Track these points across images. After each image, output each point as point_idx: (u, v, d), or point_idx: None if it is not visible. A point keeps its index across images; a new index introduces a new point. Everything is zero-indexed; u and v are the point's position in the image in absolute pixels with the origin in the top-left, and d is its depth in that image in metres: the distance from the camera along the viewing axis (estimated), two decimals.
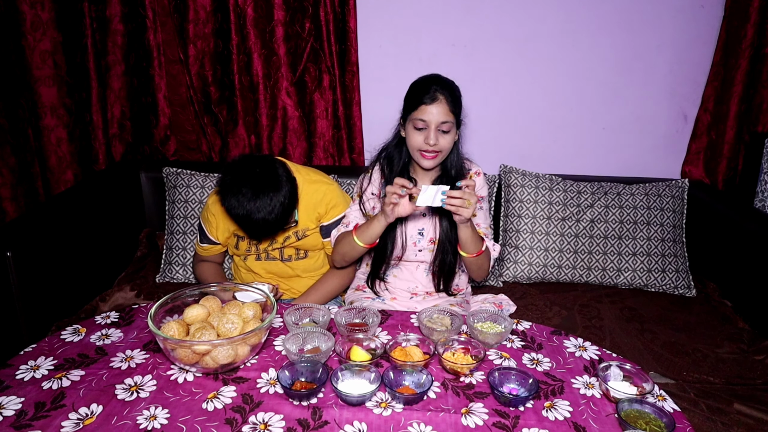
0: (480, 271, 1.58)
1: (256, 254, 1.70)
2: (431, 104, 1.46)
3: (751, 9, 1.96)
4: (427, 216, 1.61)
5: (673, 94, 2.18)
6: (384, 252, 1.62)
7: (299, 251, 1.71)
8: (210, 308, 1.21)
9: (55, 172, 2.00)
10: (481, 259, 1.54)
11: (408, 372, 1.11)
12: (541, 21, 2.10)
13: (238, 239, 1.67)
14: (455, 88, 1.52)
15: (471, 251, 1.50)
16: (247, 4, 2.01)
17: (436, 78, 1.52)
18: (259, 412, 1.03)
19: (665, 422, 1.00)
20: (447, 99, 1.47)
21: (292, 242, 1.66)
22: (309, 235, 1.67)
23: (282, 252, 1.70)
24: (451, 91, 1.49)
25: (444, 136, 1.49)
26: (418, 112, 1.47)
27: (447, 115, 1.47)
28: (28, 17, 1.82)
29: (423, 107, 1.47)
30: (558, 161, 2.26)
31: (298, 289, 1.76)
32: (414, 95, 1.50)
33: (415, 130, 1.50)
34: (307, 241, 1.67)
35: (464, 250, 1.51)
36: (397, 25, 2.13)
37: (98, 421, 1.00)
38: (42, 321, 1.63)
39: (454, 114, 1.48)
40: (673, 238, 2.01)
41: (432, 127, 1.47)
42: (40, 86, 1.90)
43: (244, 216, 1.39)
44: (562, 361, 1.22)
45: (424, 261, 1.66)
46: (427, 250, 1.63)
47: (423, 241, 1.62)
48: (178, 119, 2.28)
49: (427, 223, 1.61)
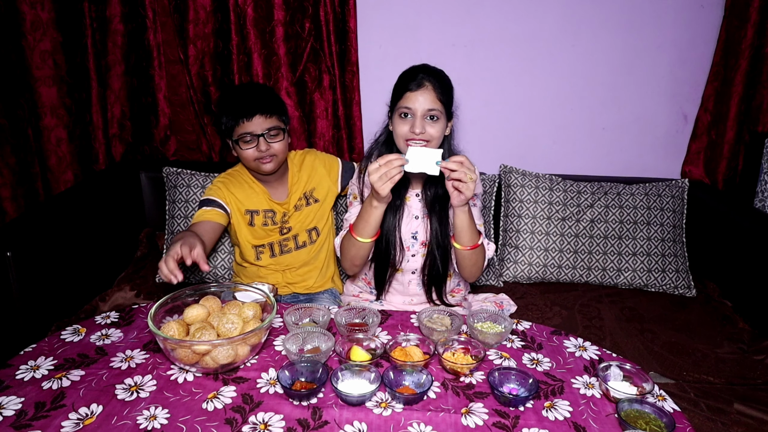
0: (473, 269, 1.52)
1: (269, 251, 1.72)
2: (417, 90, 1.41)
3: (751, 9, 1.95)
4: (419, 219, 1.59)
5: (673, 94, 2.18)
6: (387, 257, 1.57)
7: (311, 233, 1.74)
8: (210, 308, 1.22)
9: (55, 172, 2.00)
10: (476, 255, 1.48)
11: (408, 372, 1.11)
12: (542, 21, 2.10)
13: (252, 215, 1.68)
14: (444, 77, 1.47)
15: (466, 243, 1.44)
16: (247, 4, 2.01)
17: (423, 66, 1.48)
18: (259, 412, 1.03)
19: (665, 422, 1.00)
20: (434, 86, 1.42)
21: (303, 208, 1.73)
22: (318, 200, 1.76)
23: (296, 239, 1.73)
24: (439, 79, 1.44)
25: (432, 124, 1.43)
26: (404, 100, 1.43)
27: (434, 103, 1.42)
28: (28, 17, 1.82)
29: (408, 94, 1.42)
30: (558, 161, 2.26)
31: (308, 284, 1.78)
32: (400, 84, 1.47)
33: (401, 119, 1.45)
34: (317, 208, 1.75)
35: (459, 241, 1.44)
36: (397, 25, 2.13)
37: (98, 421, 1.00)
38: (42, 321, 1.62)
39: (442, 102, 1.43)
40: (673, 238, 2.01)
41: (418, 114, 1.42)
42: (40, 86, 1.90)
43: (243, 85, 1.73)
44: (562, 361, 1.22)
45: (415, 270, 1.61)
46: (419, 254, 1.59)
47: (416, 245, 1.59)
48: (178, 119, 2.28)
49: (420, 226, 1.59)
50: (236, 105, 1.59)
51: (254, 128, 1.57)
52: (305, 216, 1.74)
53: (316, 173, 1.78)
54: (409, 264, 1.60)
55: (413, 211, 1.59)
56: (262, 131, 1.58)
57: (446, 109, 1.46)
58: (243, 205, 1.69)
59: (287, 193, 1.73)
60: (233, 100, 1.61)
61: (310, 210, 1.75)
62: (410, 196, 1.60)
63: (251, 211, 1.69)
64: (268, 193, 1.71)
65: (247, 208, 1.69)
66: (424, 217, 1.58)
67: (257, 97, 1.61)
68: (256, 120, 1.57)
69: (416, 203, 1.60)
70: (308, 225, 1.75)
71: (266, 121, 1.58)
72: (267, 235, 1.71)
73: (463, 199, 1.34)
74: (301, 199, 1.74)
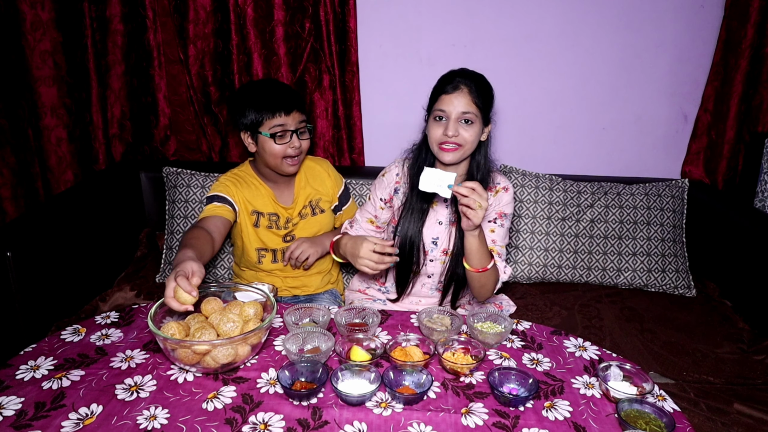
0: (482, 290, 1.47)
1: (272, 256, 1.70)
2: (452, 93, 1.41)
3: (751, 9, 1.96)
4: (443, 224, 1.57)
5: (673, 94, 2.18)
6: (410, 260, 1.55)
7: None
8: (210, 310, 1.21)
9: (55, 172, 2.00)
10: (485, 277, 1.43)
11: (408, 372, 1.11)
12: (541, 21, 2.10)
13: (258, 216, 1.67)
14: (483, 81, 1.46)
15: (475, 265, 1.40)
16: (247, 4, 2.01)
17: (462, 70, 1.47)
18: (259, 412, 1.03)
19: (665, 422, 1.00)
20: (470, 89, 1.41)
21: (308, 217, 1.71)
22: (324, 210, 1.74)
23: None
24: (477, 83, 1.43)
25: (466, 128, 1.42)
26: (439, 102, 1.43)
27: (468, 106, 1.41)
28: (28, 17, 1.82)
29: (443, 97, 1.43)
30: (558, 161, 2.26)
31: (310, 289, 1.77)
32: (437, 87, 1.47)
33: (435, 122, 1.45)
34: (322, 218, 1.73)
35: (468, 262, 1.41)
36: (397, 25, 2.13)
37: (98, 421, 1.00)
38: (42, 321, 1.62)
39: (478, 106, 1.42)
40: (673, 238, 2.02)
41: (452, 117, 1.41)
42: (40, 86, 1.90)
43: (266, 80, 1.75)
44: (562, 361, 1.22)
45: (431, 275, 1.60)
46: (438, 261, 1.57)
47: (436, 251, 1.57)
48: (178, 119, 2.28)
49: (443, 233, 1.56)
50: (273, 98, 1.55)
51: (290, 123, 1.55)
52: (311, 225, 1.72)
53: (324, 184, 1.76)
54: (426, 268, 1.59)
55: (438, 217, 1.57)
56: (296, 127, 1.57)
57: (482, 113, 1.44)
58: (250, 204, 1.66)
59: (293, 197, 1.71)
60: (269, 92, 1.57)
61: (315, 220, 1.72)
62: (438, 201, 1.58)
63: (257, 212, 1.67)
64: (273, 195, 1.68)
65: (254, 209, 1.67)
66: (448, 225, 1.56)
67: (291, 92, 1.61)
68: (294, 115, 1.56)
69: (442, 209, 1.58)
70: (314, 235, 1.72)
71: (301, 117, 1.58)
72: (270, 239, 1.69)
73: (471, 225, 1.32)
74: (306, 207, 1.71)
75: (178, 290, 1.11)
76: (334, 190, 1.78)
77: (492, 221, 1.55)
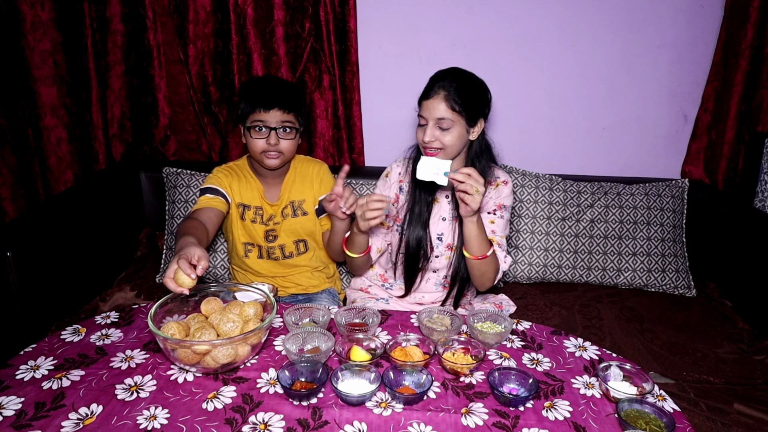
0: (482, 278, 1.51)
1: (257, 251, 1.71)
2: (429, 99, 1.43)
3: (751, 9, 1.96)
4: (446, 221, 1.58)
5: (673, 94, 2.18)
6: (417, 255, 1.57)
7: (299, 244, 1.72)
8: (209, 310, 1.21)
9: (55, 172, 2.00)
10: (485, 265, 1.47)
11: (408, 372, 1.11)
12: (542, 21, 2.10)
13: (244, 209, 1.68)
14: (467, 81, 1.45)
15: (474, 252, 1.44)
16: (247, 4, 2.01)
17: (443, 72, 1.47)
18: (259, 412, 1.03)
19: (665, 422, 1.00)
20: (448, 93, 1.41)
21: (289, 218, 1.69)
22: (307, 213, 1.71)
23: (283, 249, 1.71)
24: (458, 84, 1.42)
25: (444, 133, 1.43)
26: (420, 107, 1.47)
27: (444, 111, 1.41)
28: (28, 17, 1.82)
29: (423, 102, 1.45)
30: (558, 161, 2.26)
31: (303, 286, 1.77)
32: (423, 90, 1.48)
33: (419, 127, 1.48)
34: (305, 221, 1.71)
35: (468, 250, 1.46)
36: (397, 25, 2.13)
37: (98, 421, 1.00)
38: (42, 321, 1.62)
39: (455, 110, 1.41)
40: (673, 238, 2.01)
41: (429, 123, 1.44)
42: (40, 86, 1.90)
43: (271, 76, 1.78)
44: (562, 361, 1.22)
45: (436, 270, 1.62)
46: (443, 256, 1.59)
47: (440, 246, 1.59)
48: (178, 119, 2.29)
49: (447, 228, 1.58)
50: (259, 93, 1.57)
51: (269, 120, 1.56)
52: (293, 226, 1.71)
53: (311, 187, 1.73)
54: (432, 264, 1.61)
55: (442, 213, 1.59)
56: (276, 125, 1.57)
57: (465, 114, 1.43)
58: (239, 196, 1.68)
59: (279, 195, 1.71)
60: (258, 87, 1.59)
61: (297, 221, 1.71)
62: (440, 198, 1.60)
63: (243, 205, 1.68)
64: (262, 190, 1.70)
65: (241, 201, 1.68)
66: (451, 220, 1.58)
67: (282, 90, 1.61)
68: (274, 112, 1.56)
69: (445, 205, 1.60)
70: (296, 236, 1.72)
71: (283, 116, 1.58)
72: (255, 233, 1.69)
73: (469, 210, 1.36)
74: (288, 207, 1.70)
75: (178, 272, 1.13)
76: (319, 194, 1.73)
77: (491, 212, 1.58)
